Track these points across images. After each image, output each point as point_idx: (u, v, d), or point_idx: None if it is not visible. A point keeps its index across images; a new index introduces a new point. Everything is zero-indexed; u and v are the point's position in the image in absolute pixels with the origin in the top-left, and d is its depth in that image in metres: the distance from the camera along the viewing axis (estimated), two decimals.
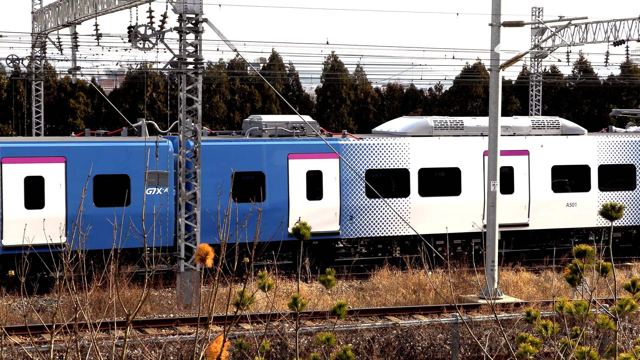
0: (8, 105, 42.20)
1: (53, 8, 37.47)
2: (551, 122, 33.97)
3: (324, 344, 8.15)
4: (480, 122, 33.16)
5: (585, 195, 33.79)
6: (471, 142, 32.57)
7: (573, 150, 33.81)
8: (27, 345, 19.56)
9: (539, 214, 33.08)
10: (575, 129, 34.33)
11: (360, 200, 31.08)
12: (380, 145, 31.53)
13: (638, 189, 34.72)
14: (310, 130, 30.92)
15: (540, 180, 33.33)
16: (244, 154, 30.00)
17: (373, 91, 48.50)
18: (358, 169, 31.10)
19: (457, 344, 21.60)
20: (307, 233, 8.54)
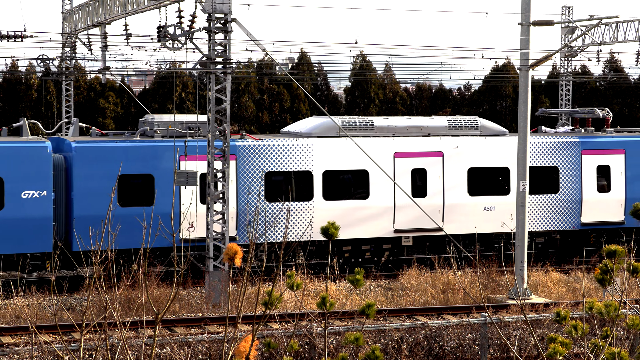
0: (38, 105, 42.49)
1: (83, 8, 37.68)
2: (469, 122, 32.64)
3: (353, 343, 8.13)
4: (392, 122, 31.84)
5: (505, 199, 32.23)
6: (381, 143, 31.11)
7: (492, 151, 32.37)
8: (57, 343, 19.68)
9: (454, 218, 31.60)
10: (496, 130, 33.02)
11: (259, 204, 29.84)
12: (281, 146, 30.17)
13: (562, 192, 33.28)
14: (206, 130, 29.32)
15: (456, 183, 31.92)
16: (132, 155, 28.70)
17: (402, 91, 48.40)
18: (257, 171, 29.80)
19: (486, 344, 21.52)
20: (336, 233, 8.50)
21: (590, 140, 33.93)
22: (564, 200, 33.34)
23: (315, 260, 30.82)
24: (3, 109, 42.95)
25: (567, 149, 33.48)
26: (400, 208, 30.96)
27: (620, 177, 33.79)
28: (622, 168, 33.87)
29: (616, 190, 33.73)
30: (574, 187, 33.48)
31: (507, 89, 49.05)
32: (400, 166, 31.34)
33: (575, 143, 33.58)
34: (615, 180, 33.75)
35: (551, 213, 33.19)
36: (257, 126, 45.14)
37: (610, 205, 33.34)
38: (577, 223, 33.48)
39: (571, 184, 33.45)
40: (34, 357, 19.28)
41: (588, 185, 33.58)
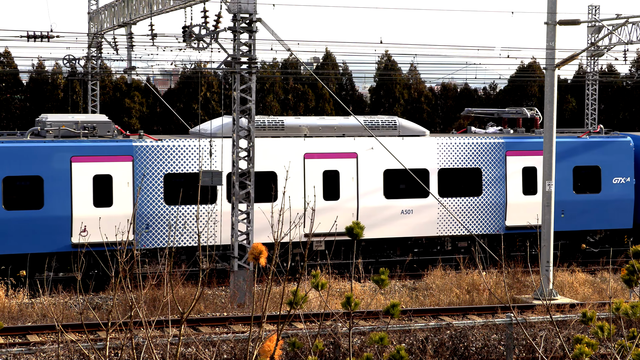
0: (65, 105, 42.74)
1: (109, 8, 37.86)
2: (387, 122, 31.39)
3: (377, 343, 8.15)
4: (303, 122, 30.87)
5: (423, 202, 31.15)
6: (291, 144, 30.11)
7: (410, 152, 31.19)
8: (83, 342, 19.76)
9: (369, 222, 30.18)
10: (415, 130, 31.84)
11: (158, 207, 28.76)
12: (182, 147, 29.15)
13: (485, 195, 32.09)
14: (103, 130, 28.84)
15: (371, 185, 30.81)
16: (19, 156, 27.57)
17: (427, 90, 48.31)
18: (155, 173, 28.78)
19: (512, 344, 21.44)
20: (361, 232, 8.47)
21: (516, 142, 32.69)
22: (488, 203, 32.09)
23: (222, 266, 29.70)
24: (30, 109, 43.23)
25: (490, 150, 32.24)
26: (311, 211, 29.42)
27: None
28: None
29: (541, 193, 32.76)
30: (498, 190, 32.26)
31: (533, 88, 48.84)
32: (311, 168, 30.23)
33: (499, 144, 32.32)
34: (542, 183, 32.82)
35: (474, 217, 31.93)
36: None
37: (537, 209, 31.07)
38: (502, 227, 32.21)
39: (495, 186, 32.23)
40: (60, 355, 19.39)
41: (513, 187, 32.41)
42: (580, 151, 33.20)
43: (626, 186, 33.44)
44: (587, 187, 33.20)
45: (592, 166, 33.24)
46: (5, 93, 43.02)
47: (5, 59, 43.44)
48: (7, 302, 25.73)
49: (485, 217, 32.17)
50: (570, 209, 32.38)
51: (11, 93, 43.39)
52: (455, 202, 31.74)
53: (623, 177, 33.37)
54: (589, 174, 33.23)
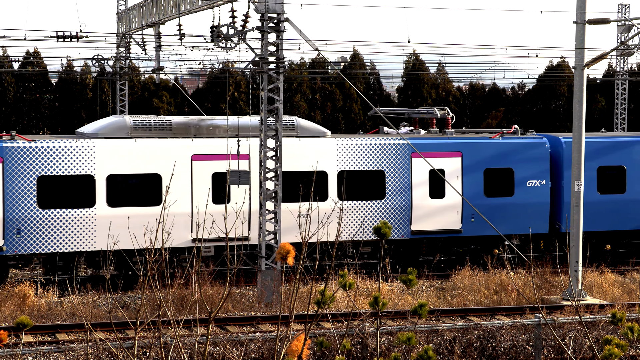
0: (93, 105, 42.99)
1: (137, 9, 38.03)
2: (285, 122, 29.86)
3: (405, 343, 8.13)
4: (193, 122, 29.66)
5: (322, 205, 29.23)
6: (178, 145, 28.84)
7: (307, 154, 29.84)
8: (112, 341, 19.88)
9: None
10: (314, 131, 30.47)
11: (30, 211, 27.49)
12: (56, 148, 27.79)
13: (389, 199, 30.64)
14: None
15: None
16: None
17: (455, 90, 48.19)
18: (28, 175, 27.52)
19: (540, 345, 21.35)
20: (388, 232, 8.46)
21: (422, 143, 31.11)
22: (392, 207, 30.69)
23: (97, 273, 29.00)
24: (59, 109, 43.52)
25: (395, 152, 30.79)
26: (200, 215, 28.44)
27: (456, 182, 31.03)
28: (458, 172, 31.20)
29: (452, 195, 30.93)
30: (403, 193, 30.78)
31: (562, 88, 48.58)
32: (199, 170, 29.03)
33: (404, 145, 30.84)
34: (450, 186, 30.90)
35: (377, 221, 30.07)
36: None
37: (445, 212, 30.50)
38: (407, 232, 30.80)
39: (399, 189, 30.77)
40: (89, 354, 19.49)
41: (419, 191, 30.93)
42: (493, 153, 31.64)
43: (541, 189, 31.85)
44: (500, 190, 31.58)
45: (504, 168, 31.70)
46: (34, 93, 43.34)
47: (34, 59, 43.76)
48: (36, 301, 25.92)
49: (389, 222, 29.77)
50: (482, 212, 30.31)
51: (40, 93, 43.72)
52: (357, 206, 30.30)
53: (538, 179, 31.85)
54: (501, 176, 31.68)
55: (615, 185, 32.88)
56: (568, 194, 31.20)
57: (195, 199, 28.80)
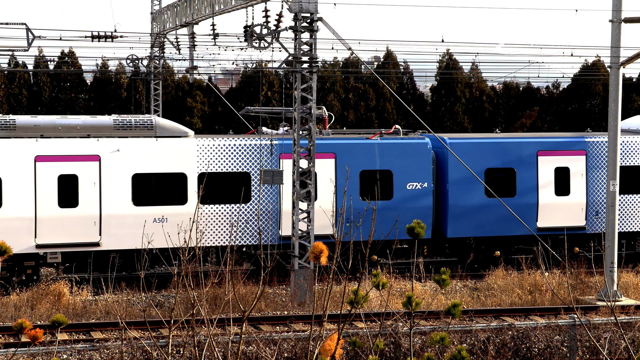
0: (128, 104, 43.24)
1: (171, 9, 38.22)
2: (142, 121, 28.75)
3: (438, 343, 8.15)
4: (39, 121, 28.23)
5: (181, 209, 28.46)
6: (21, 146, 27.47)
7: (166, 155, 28.61)
8: (146, 339, 19.99)
9: (115, 232, 27.85)
10: (175, 131, 29.15)
11: None
12: None
13: (255, 202, 29.48)
14: None
15: (116, 190, 28.15)
16: None
17: (488, 89, 47.98)
18: None
19: (575, 346, 21.22)
20: (422, 232, 8.45)
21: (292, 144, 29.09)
22: (259, 210, 29.57)
23: None
24: (94, 108, 43.83)
25: (262, 152, 29.61)
26: (43, 220, 27.48)
27: (329, 185, 29.75)
28: (332, 174, 29.90)
29: (324, 199, 29.33)
30: (271, 196, 29.49)
31: (597, 87, 48.22)
32: (44, 172, 27.70)
33: (273, 146, 29.45)
34: (323, 188, 29.56)
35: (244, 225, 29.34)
36: (342, 125, 45.22)
37: (318, 217, 28.60)
38: (277, 236, 29.32)
39: (267, 192, 29.51)
40: (123, 352, 19.60)
41: (290, 193, 29.00)
42: (370, 154, 30.18)
43: (423, 192, 30.32)
44: (378, 193, 30.16)
45: (382, 170, 30.23)
46: (69, 92, 43.68)
47: (70, 59, 44.08)
48: (71, 299, 26.12)
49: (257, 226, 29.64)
50: (358, 217, 28.73)
51: (75, 92, 44.06)
52: (220, 210, 29.07)
53: (419, 182, 30.33)
54: (379, 178, 30.26)
55: (504, 189, 31.23)
56: (454, 197, 30.50)
57: (39, 202, 27.54)
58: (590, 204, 31.96)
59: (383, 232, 27.89)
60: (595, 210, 32.01)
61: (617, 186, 26.18)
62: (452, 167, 30.50)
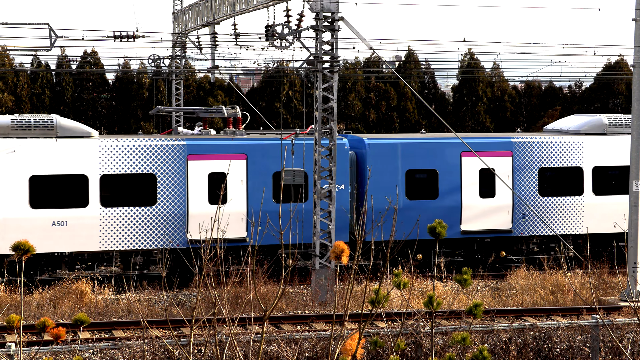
0: (150, 104, 43.43)
1: (193, 8, 38.34)
2: (41, 121, 27.80)
3: (460, 343, 8.18)
4: None
5: (81, 212, 27.75)
6: None
7: (66, 156, 27.88)
8: (167, 338, 20.07)
9: (11, 236, 26.55)
10: (78, 131, 28.23)
11: None
12: None
13: (161, 204, 28.49)
14: None
15: (12, 193, 27.33)
16: None
17: (510, 89, 47.86)
18: None
19: (598, 347, 21.14)
20: (443, 232, 8.46)
21: (202, 144, 29.05)
22: (165, 213, 28.56)
23: None
24: (116, 108, 44.02)
25: (168, 154, 28.68)
26: None
27: (240, 187, 29.06)
28: (243, 176, 29.22)
29: (235, 202, 28.89)
30: (178, 198, 28.65)
31: (620, 86, 47.99)
32: None
33: (179, 147, 28.69)
34: (234, 190, 29.01)
35: (148, 229, 28.55)
36: (363, 124, 45.23)
37: (229, 220, 28.22)
38: (183, 240, 28.73)
39: (174, 194, 28.63)
40: (145, 351, 19.68)
41: (197, 196, 28.74)
42: (284, 155, 29.28)
43: (340, 194, 29.40)
44: (291, 196, 29.24)
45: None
46: (92, 92, 43.92)
47: (92, 59, 44.31)
48: (93, 298, 26.26)
49: (162, 229, 28.60)
50: (274, 220, 28.27)
51: (98, 92, 44.30)
52: (124, 213, 28.26)
53: (337, 184, 29.29)
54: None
55: (426, 190, 30.53)
56: (374, 200, 29.36)
57: None
58: (516, 207, 31.06)
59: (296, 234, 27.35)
60: (522, 213, 31.15)
61: (639, 186, 26.03)
62: (372, 169, 29.74)
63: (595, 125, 32.60)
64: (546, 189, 31.71)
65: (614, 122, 32.52)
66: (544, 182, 31.65)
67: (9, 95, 41.57)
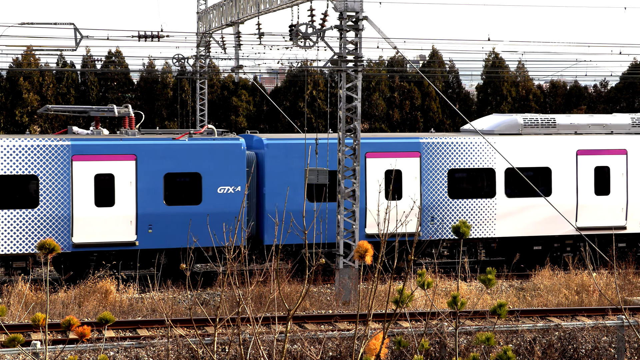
0: (174, 103, 43.61)
1: (217, 8, 38.47)
2: None
3: (484, 343, 8.16)
4: None
5: None
6: None
7: None
8: (192, 337, 20.14)
9: None
10: None
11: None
12: None
13: (43, 207, 27.44)
14: None
15: None
16: None
17: (535, 88, 47.72)
18: None
19: (623, 347, 21.06)
20: (467, 232, 8.46)
21: (86, 144, 28.11)
22: (47, 216, 27.59)
23: None
24: (140, 107, 44.26)
25: (50, 154, 27.68)
26: None
27: (129, 188, 28.34)
28: (132, 177, 28.30)
29: (123, 204, 28.27)
30: (61, 201, 27.63)
31: None
32: None
33: (63, 147, 27.75)
34: (123, 192, 28.26)
35: (30, 232, 27.49)
36: (387, 124, 45.21)
37: (116, 222, 27.65)
38: (68, 244, 27.82)
39: (56, 196, 27.62)
40: (169, 350, 19.78)
41: (82, 198, 27.85)
42: (176, 156, 28.59)
43: (236, 196, 28.76)
44: (184, 198, 28.67)
45: (190, 173, 28.72)
46: (117, 92, 44.17)
47: (117, 59, 44.55)
48: (118, 297, 26.41)
49: (45, 233, 27.64)
50: (161, 222, 28.26)
51: (122, 92, 44.55)
52: (3, 215, 27.35)
53: (232, 185, 28.76)
54: (186, 182, 28.78)
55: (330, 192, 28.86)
56: (270, 202, 29.03)
57: None
58: (425, 209, 30.31)
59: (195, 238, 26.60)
60: (431, 215, 30.36)
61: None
62: (270, 171, 29.24)
63: (510, 125, 31.66)
64: (456, 191, 30.66)
65: (529, 122, 31.60)
66: (453, 184, 30.62)
67: (35, 95, 41.89)
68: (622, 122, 32.45)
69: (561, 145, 31.45)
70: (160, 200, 28.44)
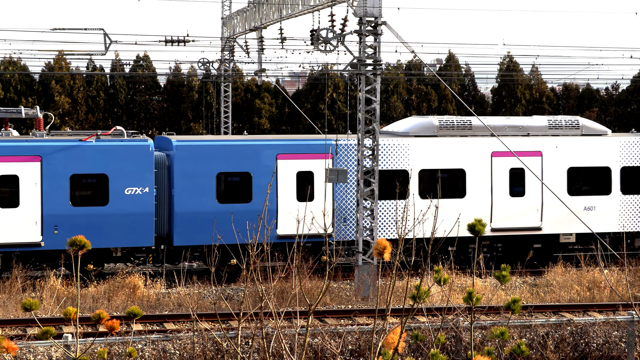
0: (199, 106, 44.16)
1: (241, 13, 38.96)
2: None
3: (498, 337, 8.41)
4: None
5: None
6: None
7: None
8: (216, 331, 20.55)
9: None
10: None
11: None
12: None
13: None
14: None
15: None
16: None
17: (548, 91, 48.04)
18: None
19: (633, 342, 21.37)
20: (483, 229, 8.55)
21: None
22: None
23: None
24: (167, 110, 44.91)
25: None
26: None
27: (34, 190, 27.92)
28: (37, 179, 27.98)
29: (31, 205, 27.91)
30: None
31: None
32: None
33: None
34: (27, 194, 27.93)
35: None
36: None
37: (25, 223, 27.47)
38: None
39: None
40: (195, 343, 20.24)
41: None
42: (82, 157, 28.28)
43: (144, 198, 28.57)
44: (91, 199, 28.46)
45: (97, 174, 28.46)
46: (144, 95, 44.77)
47: (144, 63, 45.18)
48: (145, 292, 26.95)
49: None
50: (68, 223, 27.86)
51: (150, 95, 45.10)
52: None
53: (139, 186, 28.52)
54: (92, 183, 28.58)
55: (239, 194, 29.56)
56: (180, 204, 28.92)
57: None
58: (337, 210, 29.90)
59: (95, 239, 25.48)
60: (344, 217, 29.92)
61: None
62: (179, 172, 29.02)
63: (425, 127, 31.14)
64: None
65: (444, 124, 31.09)
66: None
67: (66, 98, 42.57)
68: (538, 124, 31.96)
69: (476, 147, 30.96)
70: (67, 202, 28.23)
